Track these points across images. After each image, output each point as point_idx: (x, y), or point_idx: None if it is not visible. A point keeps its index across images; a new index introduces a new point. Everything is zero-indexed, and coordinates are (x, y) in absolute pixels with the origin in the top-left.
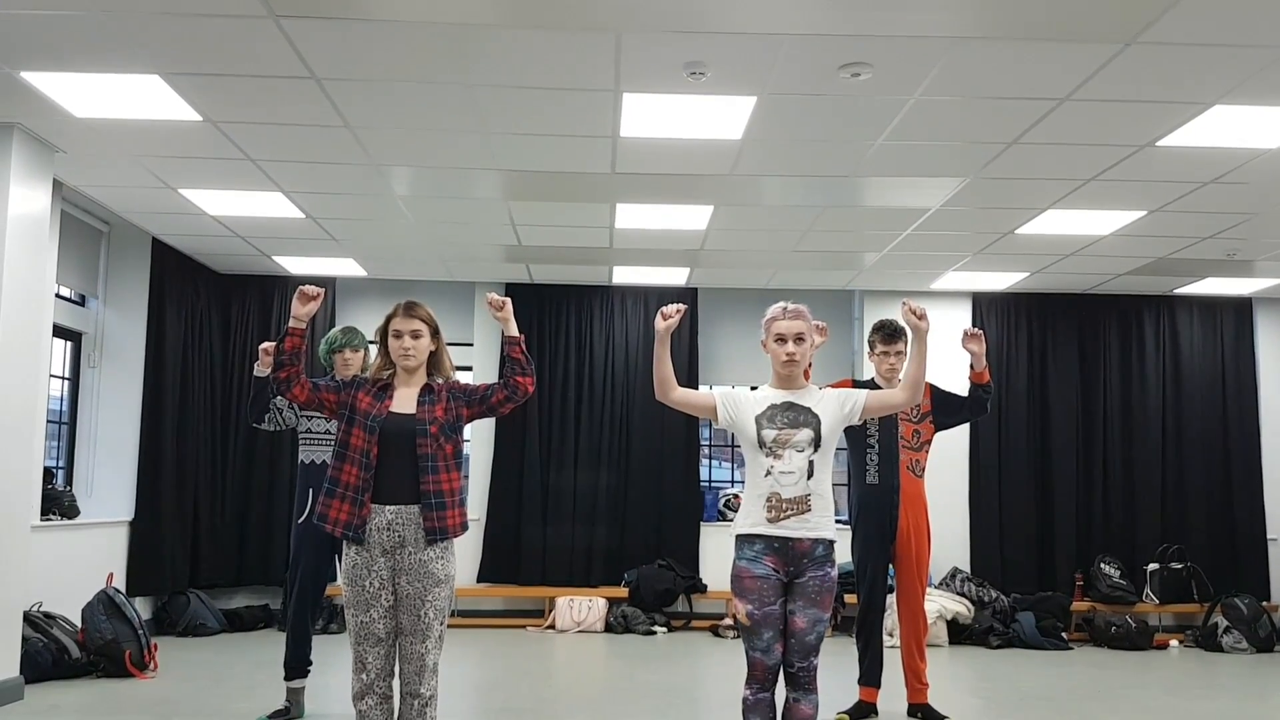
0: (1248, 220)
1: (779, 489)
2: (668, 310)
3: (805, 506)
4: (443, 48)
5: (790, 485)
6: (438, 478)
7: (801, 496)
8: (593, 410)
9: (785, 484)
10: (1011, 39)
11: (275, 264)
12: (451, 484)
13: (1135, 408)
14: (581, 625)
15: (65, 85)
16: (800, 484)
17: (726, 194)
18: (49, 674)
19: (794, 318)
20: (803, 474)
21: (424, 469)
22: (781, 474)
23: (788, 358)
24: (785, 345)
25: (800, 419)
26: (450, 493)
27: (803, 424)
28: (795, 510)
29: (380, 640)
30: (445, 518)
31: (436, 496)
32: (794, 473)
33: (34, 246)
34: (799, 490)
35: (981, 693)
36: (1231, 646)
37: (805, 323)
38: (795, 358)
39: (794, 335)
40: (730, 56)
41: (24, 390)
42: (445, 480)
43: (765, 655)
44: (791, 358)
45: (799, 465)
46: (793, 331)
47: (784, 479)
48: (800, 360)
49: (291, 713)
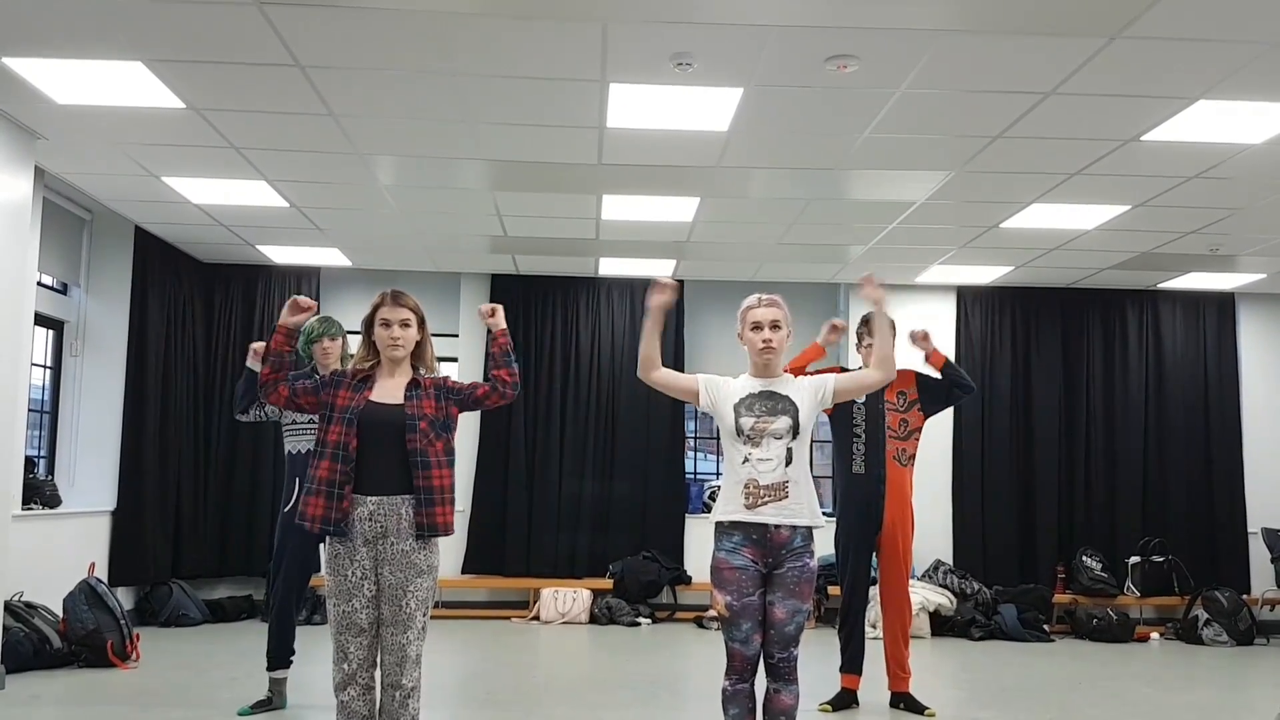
0: (1231, 215)
1: (756, 475)
2: (663, 282)
3: (783, 493)
4: (429, 36)
5: (768, 472)
6: (429, 474)
7: (779, 483)
8: (578, 402)
9: (763, 471)
10: (998, 32)
11: (259, 253)
12: (443, 480)
13: (1118, 401)
14: (566, 617)
15: (47, 71)
16: (778, 470)
17: (713, 186)
18: (30, 664)
19: (769, 305)
20: (780, 461)
21: (414, 464)
22: (759, 461)
23: (764, 345)
24: (761, 333)
25: (778, 407)
26: (441, 490)
27: (781, 412)
28: (773, 497)
29: (362, 630)
30: (436, 514)
31: (427, 493)
32: (771, 460)
33: (15, 234)
34: (776, 477)
35: (963, 684)
36: (1212, 639)
37: (780, 311)
38: (772, 344)
39: (769, 323)
40: (717, 48)
41: (5, 379)
42: (437, 477)
43: (744, 646)
44: (768, 344)
45: (777, 453)
46: (768, 319)
47: (761, 466)
48: (778, 348)
49: (274, 703)
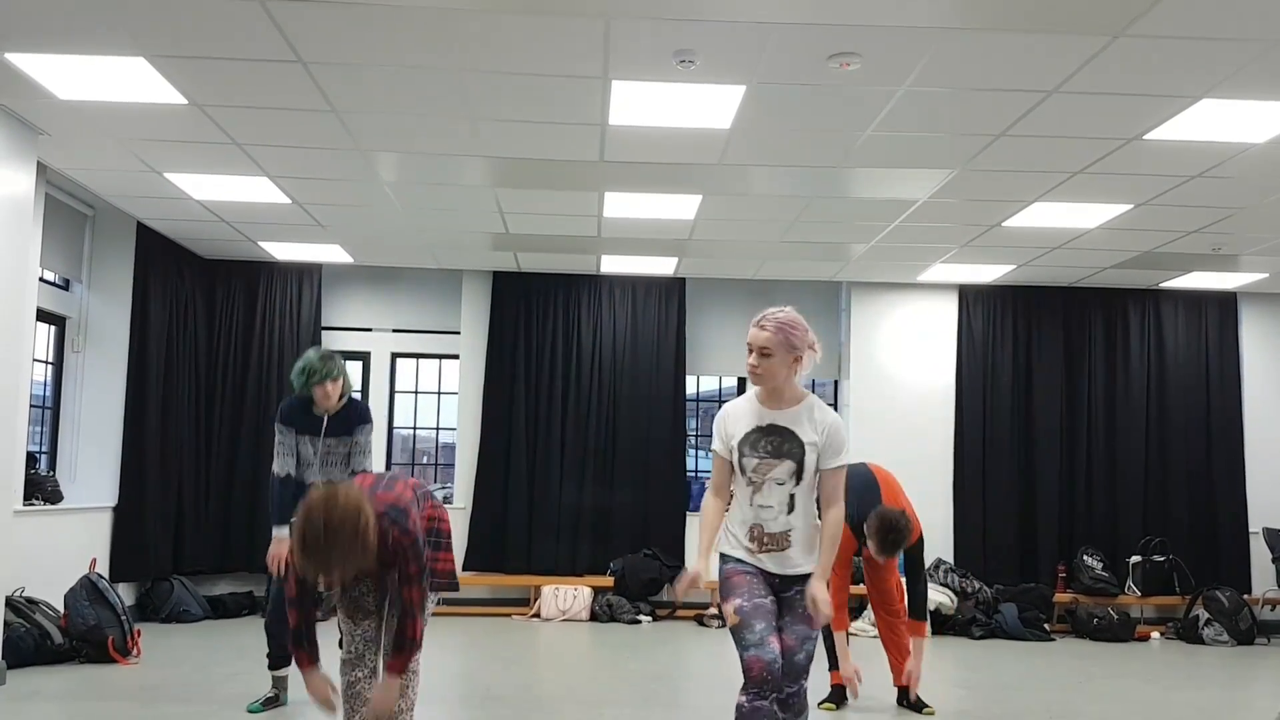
0: (1233, 215)
1: (761, 522)
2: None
3: (785, 543)
4: (431, 32)
5: (770, 520)
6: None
7: (781, 533)
8: (579, 400)
9: (766, 519)
10: (1000, 30)
11: (261, 249)
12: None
13: (1119, 400)
14: (567, 614)
15: (49, 67)
16: (780, 520)
17: (715, 183)
18: (31, 659)
19: (762, 328)
20: (782, 509)
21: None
22: (761, 508)
23: (750, 369)
24: (750, 356)
25: (782, 448)
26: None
27: (785, 454)
28: (775, 546)
29: (370, 613)
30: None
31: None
32: (773, 508)
33: (17, 229)
34: (779, 526)
35: (964, 683)
36: (1213, 639)
37: (773, 336)
38: (756, 371)
39: (758, 347)
40: (720, 45)
41: (7, 374)
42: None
43: (760, 649)
44: (752, 370)
45: (779, 500)
46: (756, 343)
47: (764, 514)
48: (764, 376)
49: (280, 699)
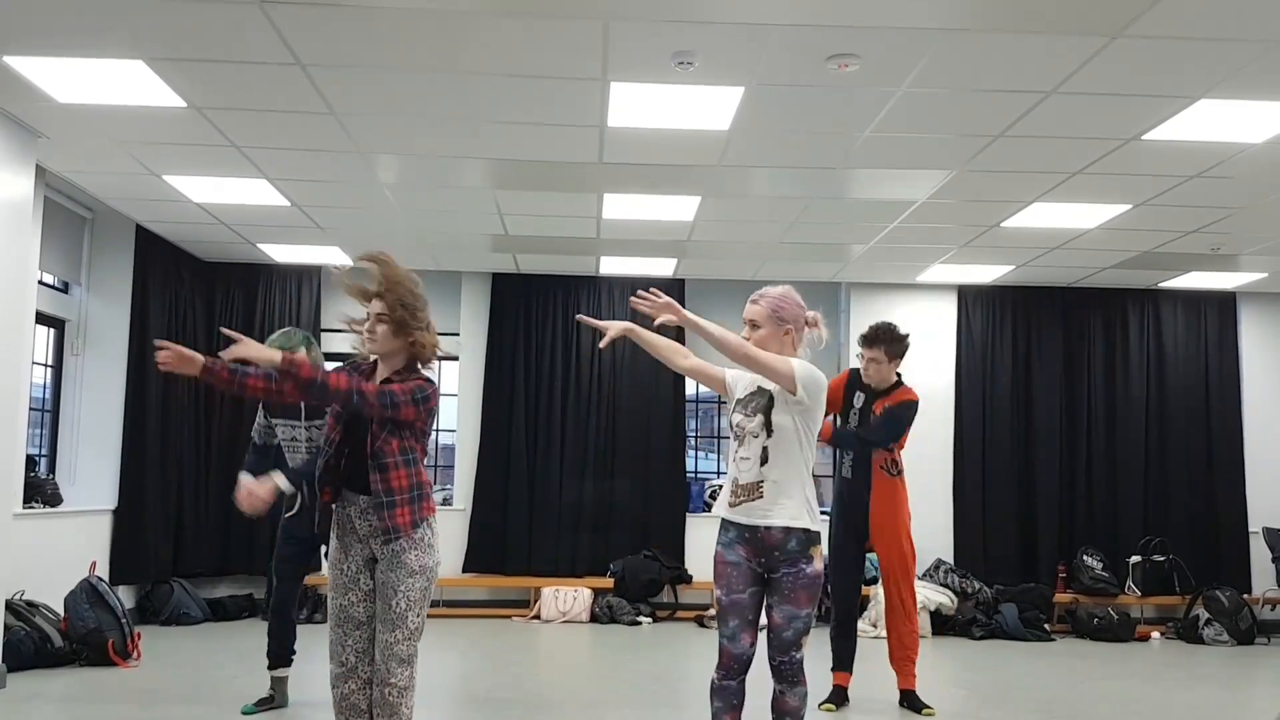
0: (1232, 215)
1: (738, 474)
2: (641, 303)
3: (756, 493)
4: (430, 35)
5: (745, 471)
6: (385, 476)
7: (753, 483)
8: (579, 401)
9: (742, 470)
10: (999, 31)
11: (260, 251)
12: (400, 481)
13: (1119, 401)
14: (567, 615)
15: (48, 70)
16: (753, 470)
17: (714, 185)
18: (31, 663)
19: (754, 302)
20: (756, 460)
21: (371, 466)
22: (741, 460)
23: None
24: (744, 329)
25: (760, 404)
26: (399, 490)
27: (758, 409)
28: (747, 496)
29: (360, 624)
30: (396, 516)
31: (389, 494)
32: (749, 459)
33: (16, 232)
34: (751, 476)
35: (964, 683)
36: (1213, 639)
37: (762, 309)
38: (747, 341)
39: (747, 320)
40: (718, 46)
41: (6, 377)
42: (395, 478)
43: (731, 643)
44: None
45: (754, 451)
46: (746, 316)
47: (742, 465)
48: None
49: (276, 701)
